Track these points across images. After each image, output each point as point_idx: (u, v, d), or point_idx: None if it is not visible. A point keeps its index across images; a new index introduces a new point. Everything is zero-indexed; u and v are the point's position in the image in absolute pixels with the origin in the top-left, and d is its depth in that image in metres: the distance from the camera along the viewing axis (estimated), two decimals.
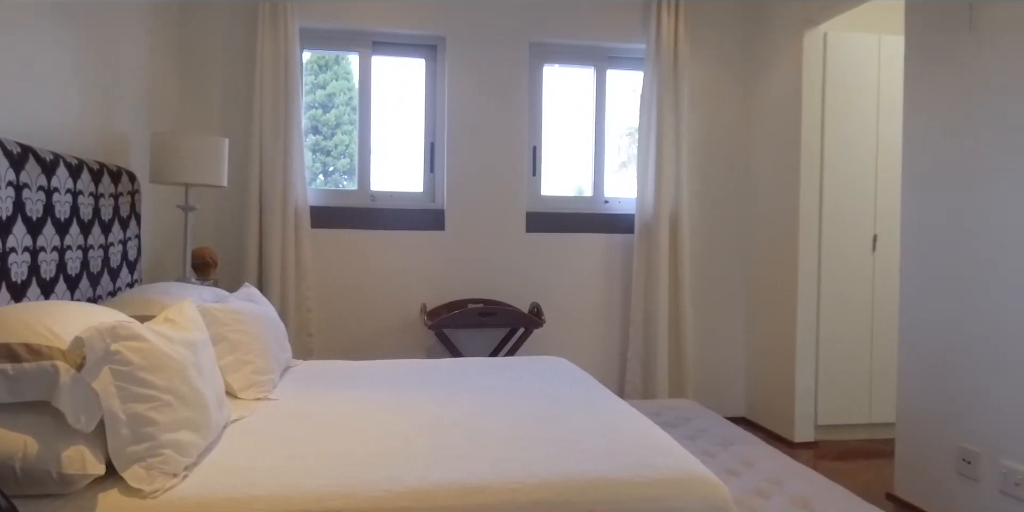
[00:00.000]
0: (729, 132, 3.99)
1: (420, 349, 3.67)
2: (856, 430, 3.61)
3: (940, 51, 2.64)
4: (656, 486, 1.43)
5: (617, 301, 3.87)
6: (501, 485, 1.43)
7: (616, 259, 3.87)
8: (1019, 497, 2.26)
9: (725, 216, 3.99)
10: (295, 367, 2.63)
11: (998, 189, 2.38)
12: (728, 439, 2.29)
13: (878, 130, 3.59)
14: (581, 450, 1.59)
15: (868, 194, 3.59)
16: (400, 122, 3.79)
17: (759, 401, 3.85)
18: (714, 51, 3.95)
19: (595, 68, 3.95)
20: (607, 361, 3.86)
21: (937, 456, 2.60)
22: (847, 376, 3.57)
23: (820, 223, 3.55)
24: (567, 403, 2.01)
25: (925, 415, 2.66)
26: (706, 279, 3.97)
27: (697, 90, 3.93)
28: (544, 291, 3.79)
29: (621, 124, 4.05)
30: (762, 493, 1.85)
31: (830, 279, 3.56)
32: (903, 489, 2.76)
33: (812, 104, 3.53)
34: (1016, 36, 2.32)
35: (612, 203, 3.95)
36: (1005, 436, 2.32)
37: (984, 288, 2.43)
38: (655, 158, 3.73)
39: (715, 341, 3.98)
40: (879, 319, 3.59)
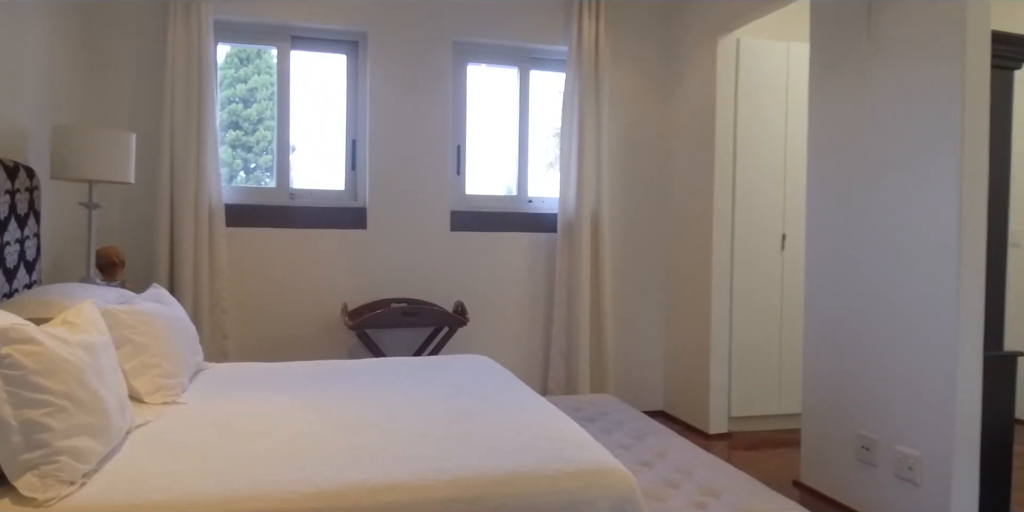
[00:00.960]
0: (648, 134, 4.09)
1: (342, 350, 3.62)
2: (767, 421, 3.77)
3: (841, 59, 2.78)
4: (567, 479, 1.46)
5: (541, 299, 3.92)
6: (414, 483, 1.43)
7: (540, 258, 3.92)
8: (911, 480, 2.41)
9: (645, 216, 4.09)
10: (207, 370, 2.55)
11: (893, 190, 2.53)
12: (643, 432, 2.35)
13: (786, 134, 3.76)
14: (495, 446, 1.61)
15: (777, 195, 3.75)
16: (321, 119, 3.73)
17: (676, 395, 3.97)
18: (634, 54, 4.05)
19: (519, 69, 3.99)
20: (531, 358, 3.90)
21: (839, 444, 2.74)
22: (758, 370, 3.72)
23: (733, 223, 3.69)
24: (486, 400, 2.03)
25: (828, 406, 2.80)
26: (626, 277, 4.06)
27: (617, 92, 4.02)
28: (469, 290, 3.80)
29: (549, 124, 4.09)
30: (672, 483, 1.91)
31: (742, 277, 3.70)
32: (808, 476, 2.89)
33: (725, 108, 3.66)
34: (907, 45, 2.47)
35: (536, 202, 3.99)
36: (899, 424, 2.47)
37: (879, 285, 2.58)
38: (577, 158, 3.80)
39: (635, 337, 4.07)
40: (787, 315, 3.76)
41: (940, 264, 2.33)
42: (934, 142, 2.37)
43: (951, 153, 2.30)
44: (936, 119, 2.36)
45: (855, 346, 2.68)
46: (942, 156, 2.34)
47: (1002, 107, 2.53)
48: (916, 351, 2.41)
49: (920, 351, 2.40)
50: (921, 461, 2.38)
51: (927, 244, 2.38)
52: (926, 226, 2.39)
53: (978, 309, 2.30)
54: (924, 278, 2.39)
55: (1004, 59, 2.52)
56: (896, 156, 2.52)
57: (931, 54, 2.38)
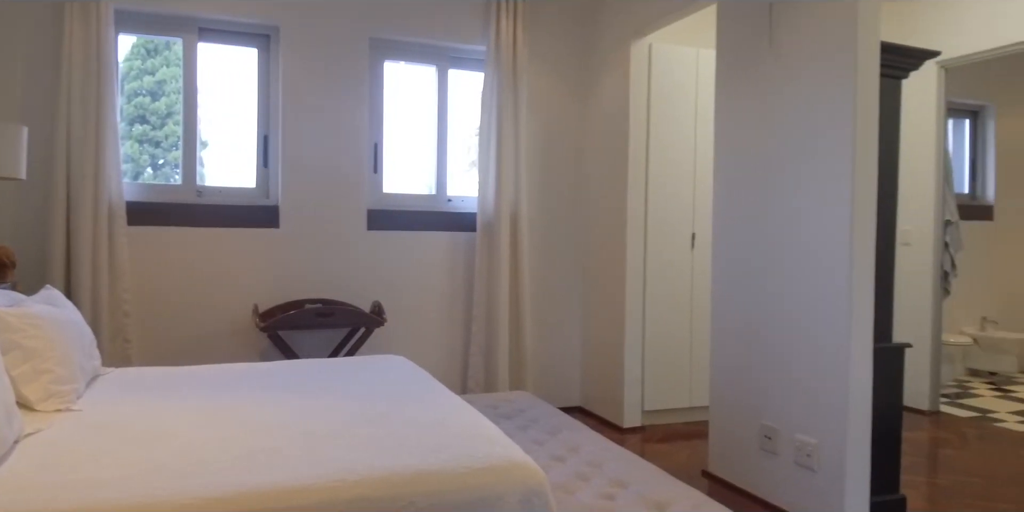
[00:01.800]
0: (566, 134, 4.15)
1: (253, 353, 3.52)
2: (678, 414, 3.90)
3: (745, 65, 2.90)
4: (477, 475, 1.48)
5: (460, 298, 3.92)
6: (321, 485, 1.41)
7: (459, 257, 3.92)
8: (809, 467, 2.54)
9: (562, 215, 4.15)
10: (106, 375, 2.43)
11: (791, 193, 2.66)
12: (558, 427, 2.39)
13: (696, 136, 3.89)
14: (406, 445, 1.60)
15: (687, 195, 3.88)
16: (231, 114, 3.61)
17: (593, 390, 4.05)
18: (551, 56, 4.10)
19: (437, 67, 3.97)
20: (450, 357, 3.90)
21: (743, 434, 2.86)
22: (670, 364, 3.84)
23: (646, 222, 3.79)
24: (399, 400, 2.02)
25: (733, 398, 2.92)
26: (545, 275, 4.11)
27: (535, 93, 4.06)
28: (386, 289, 3.76)
29: (470, 123, 4.09)
30: (583, 476, 1.95)
31: (654, 275, 3.81)
32: (715, 466, 3.01)
33: (638, 111, 3.76)
34: (805, 54, 2.61)
35: (455, 202, 3.99)
36: (798, 414, 2.60)
37: (778, 283, 2.71)
38: (496, 158, 3.82)
39: (553, 335, 4.13)
40: (697, 311, 3.90)
41: (833, 263, 2.47)
42: (828, 147, 2.50)
43: (844, 157, 2.44)
44: (830, 125, 2.50)
45: (758, 341, 2.80)
46: (835, 160, 2.47)
47: (890, 114, 2.70)
48: (813, 345, 2.54)
49: (816, 345, 2.53)
50: (818, 448, 2.51)
51: (822, 244, 2.52)
52: (821, 227, 2.52)
53: (868, 305, 2.45)
54: (819, 276, 2.53)
55: (892, 69, 2.69)
56: (794, 160, 2.65)
57: (826, 63, 2.52)
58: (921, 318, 4.29)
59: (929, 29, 4.23)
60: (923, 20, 4.27)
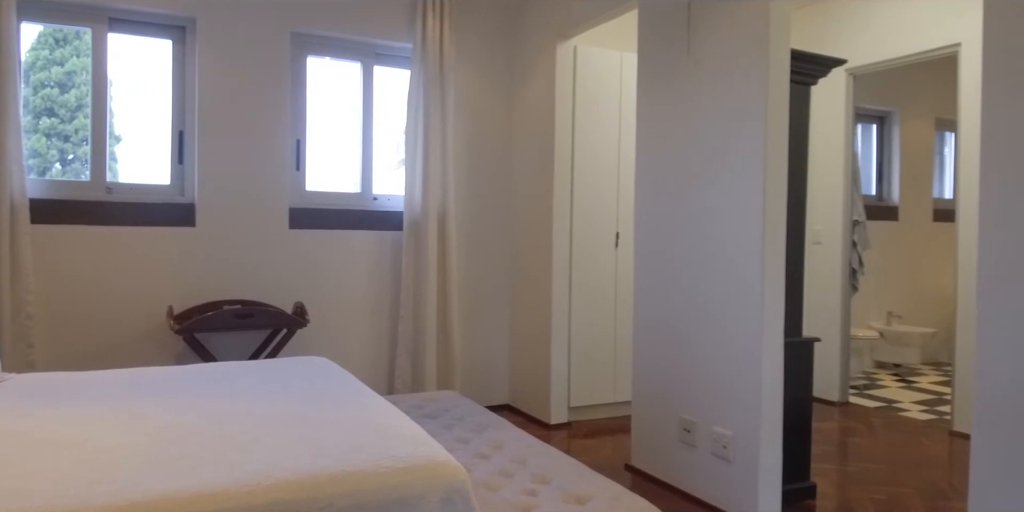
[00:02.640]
0: (493, 134, 4.17)
1: (168, 357, 3.39)
2: (603, 409, 3.97)
3: (664, 70, 2.98)
4: (397, 474, 1.47)
5: (386, 297, 3.88)
6: (235, 490, 1.38)
7: (385, 256, 3.88)
8: (726, 457, 2.63)
9: (490, 214, 4.17)
10: (6, 381, 2.30)
11: (707, 194, 2.75)
12: (483, 426, 2.40)
13: (619, 138, 3.97)
14: (325, 447, 1.58)
15: (611, 195, 3.95)
16: (145, 108, 3.47)
17: (520, 388, 4.08)
18: (479, 55, 4.11)
19: (362, 64, 3.92)
20: (377, 357, 3.86)
21: (664, 428, 2.94)
22: (595, 360, 3.91)
23: (571, 221, 3.85)
24: (319, 402, 1.98)
25: (655, 393, 3.00)
26: (473, 274, 4.11)
27: (463, 92, 4.06)
28: (310, 290, 3.69)
29: (399, 121, 4.04)
30: (507, 473, 1.96)
31: (580, 273, 3.87)
32: (638, 459, 3.08)
33: (564, 112, 3.81)
34: (720, 61, 2.70)
35: (381, 200, 3.94)
36: (715, 407, 2.69)
37: (696, 281, 2.79)
38: (423, 156, 3.80)
39: (482, 334, 4.14)
40: (621, 308, 3.98)
41: (746, 261, 2.56)
42: (741, 150, 2.60)
43: (755, 160, 2.54)
44: (743, 129, 2.59)
45: (677, 337, 2.88)
46: (748, 163, 2.57)
47: (800, 119, 2.82)
48: (728, 340, 2.64)
49: (731, 340, 2.62)
50: (734, 439, 2.60)
51: (735, 243, 2.61)
52: (734, 227, 2.62)
53: (779, 301, 2.55)
54: (733, 274, 2.62)
55: (802, 75, 2.81)
56: (710, 162, 2.74)
57: (739, 69, 2.61)
58: (831, 314, 4.50)
59: (838, 38, 4.44)
60: (832, 30, 4.48)
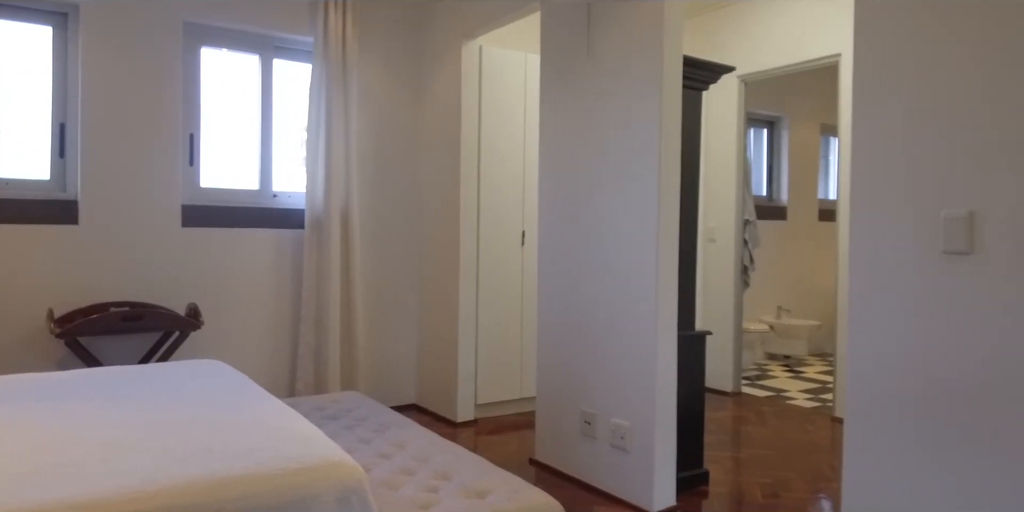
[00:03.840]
0: (399, 131, 4.13)
1: (49, 362, 3.18)
2: (510, 405, 4.02)
3: (566, 72, 3.05)
4: (291, 476, 1.44)
5: (287, 298, 3.78)
6: (118, 498, 1.32)
7: (286, 255, 3.78)
8: (623, 448, 2.71)
9: (396, 212, 4.13)
10: None
11: (606, 194, 2.83)
12: (385, 425, 2.38)
13: (525, 138, 4.03)
14: (214, 451, 1.53)
15: (517, 194, 4.00)
16: (23, 98, 3.24)
17: (427, 387, 4.07)
18: (384, 52, 4.06)
19: (260, 56, 3.80)
20: (277, 360, 3.75)
21: (566, 421, 3.01)
22: (502, 357, 3.95)
23: (478, 220, 3.87)
24: (211, 406, 1.92)
25: (557, 387, 3.06)
26: (378, 273, 4.07)
27: (367, 88, 4.00)
28: (204, 290, 3.55)
29: (302, 117, 3.94)
30: (408, 471, 1.96)
31: (487, 271, 3.90)
32: (542, 453, 3.14)
33: (470, 111, 3.82)
34: (617, 65, 2.78)
35: (282, 197, 3.84)
36: (613, 399, 2.78)
37: (595, 278, 2.87)
38: (325, 153, 3.72)
39: (388, 333, 4.10)
40: (527, 305, 4.04)
41: (642, 258, 2.66)
42: (637, 151, 2.69)
43: (650, 161, 2.63)
44: (639, 131, 2.69)
45: (578, 332, 2.96)
46: (643, 164, 2.66)
47: (692, 122, 2.95)
48: (625, 334, 2.73)
49: (628, 334, 2.71)
50: (630, 430, 2.69)
51: (632, 241, 2.70)
52: (631, 225, 2.71)
53: (672, 296, 2.66)
54: (630, 271, 2.71)
55: (694, 81, 2.94)
56: (608, 162, 2.82)
57: (635, 74, 2.70)
58: (725, 308, 4.72)
59: (729, 46, 4.66)
60: (723, 38, 4.70)
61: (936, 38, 1.73)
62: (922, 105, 1.76)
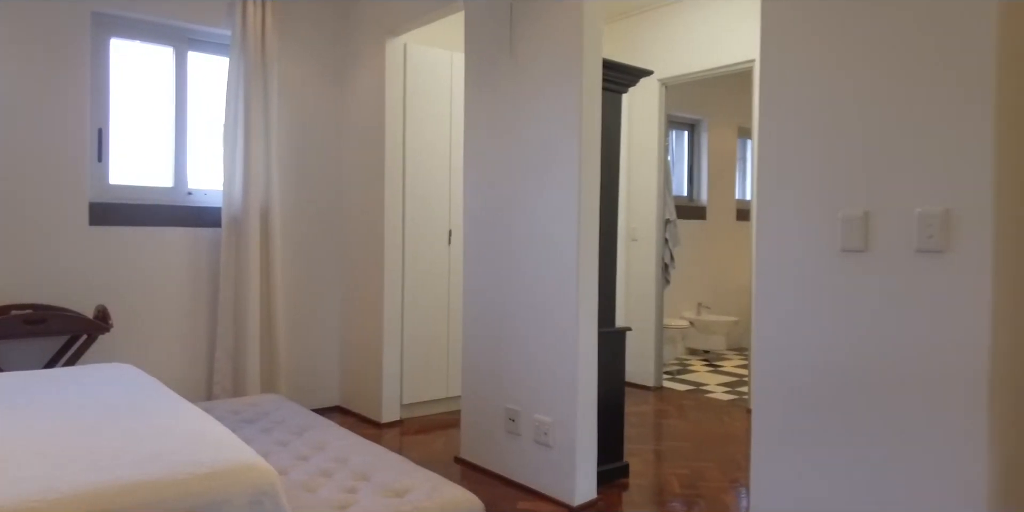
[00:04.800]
0: (322, 128, 4.07)
1: None
2: (436, 405, 4.01)
3: (489, 72, 3.06)
4: (200, 480, 1.41)
5: (204, 298, 3.67)
6: (12, 507, 1.26)
7: (202, 254, 3.66)
8: (546, 443, 2.76)
9: (319, 210, 4.06)
10: None
11: (529, 194, 2.87)
12: (305, 427, 2.34)
13: (451, 136, 4.03)
14: (120, 457, 1.48)
15: (443, 193, 4.00)
16: None
17: (352, 389, 4.02)
18: (305, 46, 3.99)
19: (175, 49, 3.67)
20: (193, 362, 3.63)
21: (491, 419, 3.03)
22: (429, 357, 3.94)
23: (404, 218, 3.85)
24: (118, 411, 1.85)
25: (482, 385, 3.08)
26: (300, 273, 3.99)
27: (288, 83, 3.92)
28: (114, 292, 3.40)
29: (220, 112, 3.82)
30: (327, 473, 1.94)
31: (413, 270, 3.88)
32: (467, 451, 3.15)
33: (395, 109, 3.79)
34: (540, 67, 2.82)
35: (197, 195, 3.72)
36: (537, 396, 2.82)
37: (519, 277, 2.90)
38: (243, 149, 3.63)
39: (310, 335, 4.03)
40: (454, 304, 4.04)
41: (563, 257, 2.71)
42: (558, 151, 2.74)
43: (571, 162, 2.68)
44: (560, 132, 2.73)
45: (502, 330, 2.98)
46: (564, 164, 2.71)
47: (612, 124, 3.01)
48: (548, 331, 2.77)
49: (551, 331, 2.76)
50: (553, 426, 2.74)
51: (553, 240, 2.75)
52: (553, 225, 2.75)
53: (593, 294, 2.72)
54: (551, 269, 2.75)
55: (614, 84, 3.00)
56: (531, 162, 2.86)
57: (556, 76, 2.74)
58: (647, 305, 4.85)
59: (649, 51, 4.78)
60: (643, 43, 4.82)
61: (836, 46, 1.83)
62: (822, 109, 1.86)
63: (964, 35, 1.59)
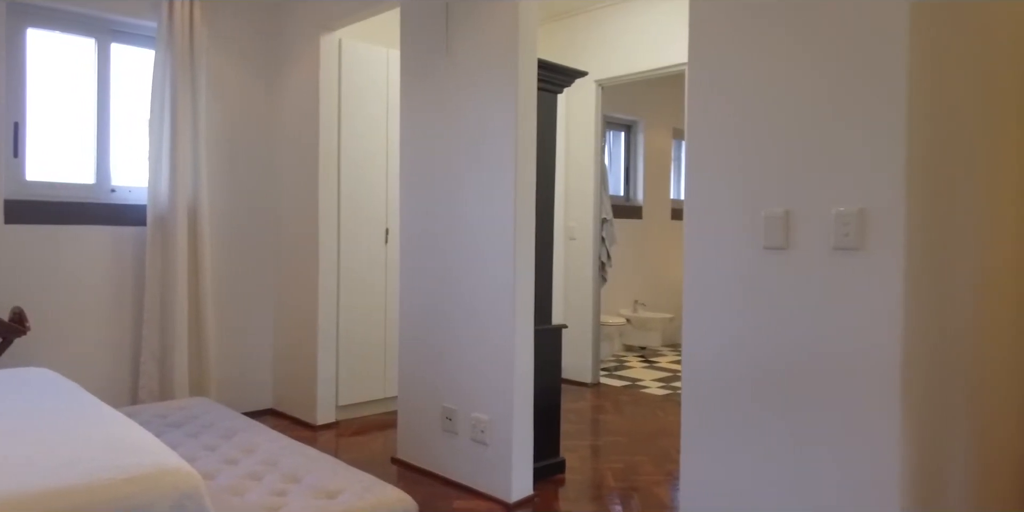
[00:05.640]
0: (254, 124, 3.97)
1: None
2: (374, 406, 3.97)
3: (426, 71, 3.05)
4: (120, 486, 1.36)
5: (128, 300, 3.54)
6: None
7: (126, 254, 3.53)
8: (483, 441, 2.76)
9: (251, 209, 3.97)
10: None
11: (466, 193, 2.87)
12: (233, 431, 2.29)
13: (388, 133, 3.99)
14: (35, 465, 1.41)
15: (380, 191, 3.96)
16: None
17: (285, 391, 3.94)
18: (236, 40, 3.88)
19: (97, 41, 3.53)
20: (118, 366, 3.50)
21: (428, 418, 3.02)
22: (365, 357, 3.89)
23: (339, 217, 3.79)
24: (35, 417, 1.77)
25: (419, 384, 3.07)
26: (232, 273, 3.89)
27: (218, 78, 3.81)
28: (32, 293, 3.25)
29: (146, 107, 3.68)
30: (256, 476, 1.90)
31: (349, 270, 3.83)
32: (404, 451, 3.13)
33: (329, 105, 3.73)
34: (475, 66, 2.82)
35: (121, 192, 3.58)
36: (474, 394, 2.82)
37: (456, 275, 2.90)
38: (170, 146, 3.51)
39: (242, 336, 3.93)
40: (391, 304, 4.00)
41: (499, 255, 2.72)
42: (494, 150, 2.75)
43: (507, 161, 2.70)
44: (496, 131, 2.74)
45: (439, 328, 2.98)
46: (500, 164, 2.72)
47: (548, 124, 3.04)
48: (485, 329, 2.78)
49: (487, 329, 2.76)
50: (490, 424, 2.75)
51: (490, 238, 2.75)
52: (489, 223, 2.76)
53: (529, 292, 2.74)
54: (488, 268, 2.76)
55: (549, 84, 3.03)
56: (467, 161, 2.86)
57: (492, 75, 2.75)
58: (584, 303, 4.91)
59: (586, 52, 4.84)
60: (580, 44, 4.87)
61: (760, 50, 1.89)
62: (746, 112, 1.92)
63: (879, 41, 1.67)
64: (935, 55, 1.73)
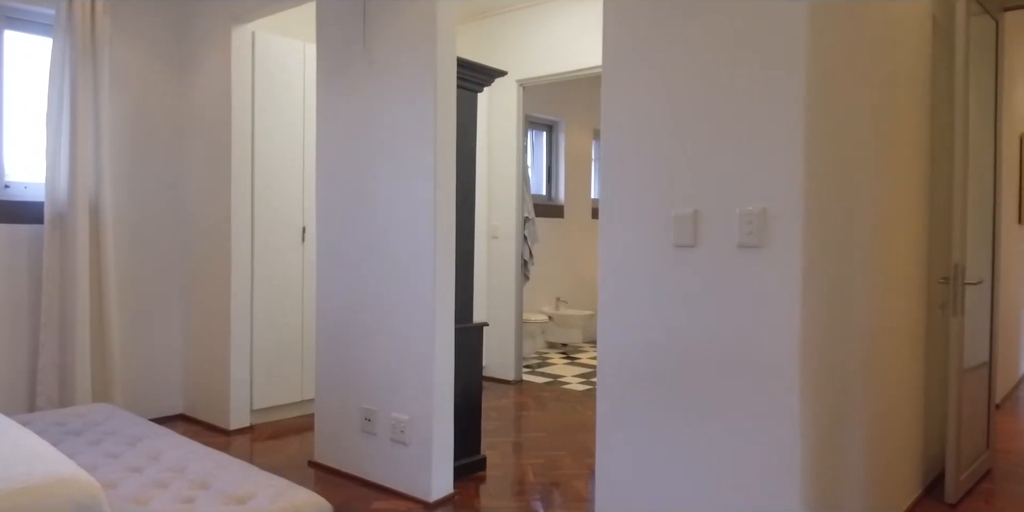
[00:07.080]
0: (162, 118, 3.81)
1: None
2: (291, 409, 3.88)
3: (343, 66, 3.00)
4: (12, 497, 1.28)
5: (24, 302, 3.33)
6: None
7: (21, 254, 3.33)
8: (403, 441, 2.74)
9: (158, 207, 3.80)
10: None
11: (385, 191, 2.84)
12: (138, 438, 2.19)
13: (304, 130, 3.90)
14: None
15: (297, 189, 3.87)
16: None
17: (196, 396, 3.80)
18: (141, 29, 3.71)
19: None
20: (13, 372, 3.29)
21: (347, 420, 2.97)
22: (281, 359, 3.80)
23: (252, 215, 3.68)
24: None
25: (337, 385, 3.02)
26: (137, 275, 3.72)
27: (122, 69, 3.64)
28: None
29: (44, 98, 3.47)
30: (161, 483, 1.82)
31: (263, 270, 3.73)
32: (321, 454, 3.07)
33: (242, 100, 3.62)
34: (394, 64, 2.80)
35: (15, 188, 3.37)
36: (393, 394, 2.80)
37: (376, 274, 2.87)
38: (69, 140, 3.32)
39: (149, 341, 3.76)
40: (308, 304, 3.92)
41: (419, 254, 2.70)
42: (413, 149, 2.73)
43: (426, 160, 2.69)
44: (416, 131, 2.72)
45: (357, 328, 2.94)
46: (419, 162, 2.71)
47: (468, 122, 3.04)
48: (404, 328, 2.76)
49: (407, 328, 2.75)
50: (409, 424, 2.73)
51: (410, 237, 2.74)
52: (409, 222, 2.74)
53: (449, 290, 2.74)
54: (408, 266, 2.74)
55: (469, 82, 3.03)
56: (386, 160, 2.83)
57: (410, 73, 2.73)
58: (507, 301, 4.94)
59: (506, 52, 4.87)
60: (501, 45, 4.90)
61: (670, 52, 1.95)
62: (658, 113, 1.98)
63: (779, 47, 1.75)
64: (833, 61, 1.83)
